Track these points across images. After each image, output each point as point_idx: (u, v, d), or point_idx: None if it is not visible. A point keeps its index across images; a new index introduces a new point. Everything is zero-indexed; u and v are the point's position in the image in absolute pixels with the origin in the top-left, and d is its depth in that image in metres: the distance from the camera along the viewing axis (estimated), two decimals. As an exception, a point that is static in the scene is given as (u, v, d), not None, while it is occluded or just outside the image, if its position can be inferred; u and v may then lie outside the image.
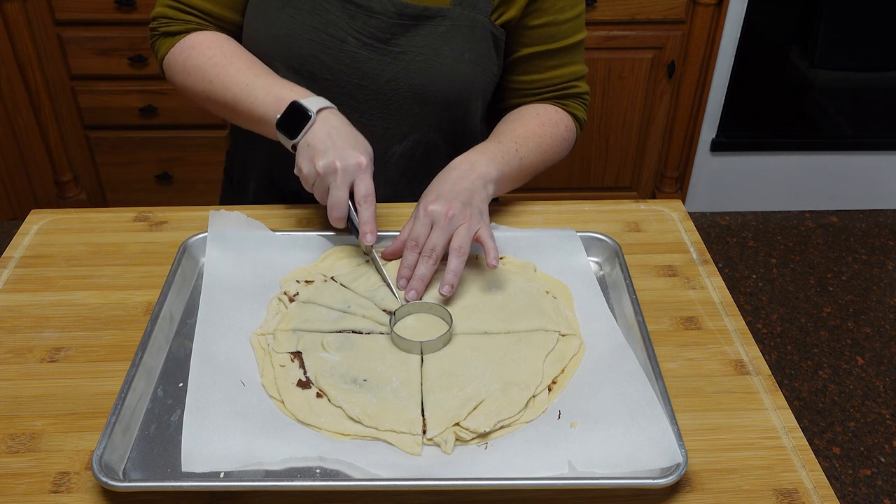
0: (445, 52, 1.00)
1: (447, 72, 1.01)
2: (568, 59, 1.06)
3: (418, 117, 1.05)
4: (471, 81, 1.03)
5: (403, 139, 1.07)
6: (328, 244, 0.96)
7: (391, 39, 1.00)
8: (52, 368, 0.81)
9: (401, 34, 0.99)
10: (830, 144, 2.57)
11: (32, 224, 1.02)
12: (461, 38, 1.00)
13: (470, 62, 1.02)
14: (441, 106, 1.04)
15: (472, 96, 1.06)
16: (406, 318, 0.87)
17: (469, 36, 1.01)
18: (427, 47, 1.00)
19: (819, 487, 0.71)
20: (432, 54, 1.00)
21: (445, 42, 1.00)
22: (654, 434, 0.70)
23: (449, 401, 0.75)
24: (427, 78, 1.01)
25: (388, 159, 1.08)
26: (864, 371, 2.04)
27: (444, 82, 1.02)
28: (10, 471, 0.70)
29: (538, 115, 1.05)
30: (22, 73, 2.13)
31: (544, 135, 1.04)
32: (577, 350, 0.83)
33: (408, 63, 1.00)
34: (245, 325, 0.85)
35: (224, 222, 0.95)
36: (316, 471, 0.70)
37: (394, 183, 1.10)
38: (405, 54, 1.00)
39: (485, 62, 1.03)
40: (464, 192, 0.90)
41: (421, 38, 1.00)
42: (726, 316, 0.90)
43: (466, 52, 1.01)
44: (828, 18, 2.28)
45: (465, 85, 1.03)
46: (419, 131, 1.06)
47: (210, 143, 2.27)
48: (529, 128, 1.03)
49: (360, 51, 1.00)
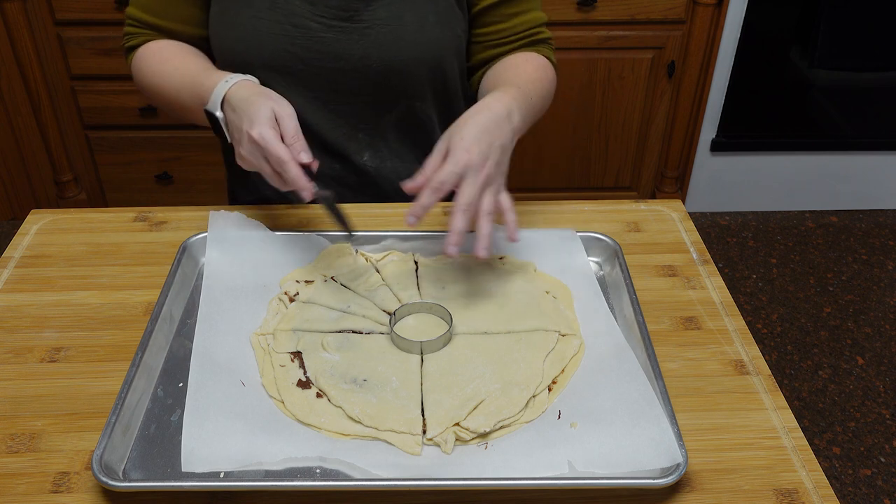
0: (408, 19, 1.01)
1: (414, 38, 1.02)
2: (526, 6, 1.07)
3: (399, 88, 1.05)
4: (439, 43, 1.04)
5: (392, 109, 1.08)
6: (328, 244, 0.96)
7: (354, 16, 1.00)
8: (52, 368, 0.81)
9: (363, 9, 1.00)
10: (830, 144, 2.57)
11: (32, 224, 1.02)
12: (423, 2, 1.01)
13: (435, 24, 1.02)
14: (418, 73, 1.05)
15: (445, 57, 1.06)
16: (406, 318, 0.87)
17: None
18: (390, 17, 1.01)
19: (819, 487, 0.71)
20: (396, 23, 1.01)
21: (407, 8, 1.01)
22: (654, 434, 0.70)
23: (449, 401, 0.75)
24: (396, 47, 1.02)
25: (384, 131, 1.10)
26: (864, 371, 2.04)
27: (413, 49, 1.02)
28: (10, 471, 0.70)
29: (528, 60, 1.06)
30: (22, 73, 2.13)
31: (543, 78, 1.04)
32: (577, 350, 0.83)
33: (375, 36, 1.01)
34: (245, 325, 0.85)
35: (224, 222, 0.95)
36: (316, 471, 0.70)
37: (397, 152, 1.12)
38: (370, 28, 1.01)
39: (450, 21, 1.04)
40: (497, 149, 0.85)
41: (382, 8, 1.00)
42: (726, 316, 0.90)
43: (429, 15, 1.02)
44: (828, 18, 2.28)
45: (435, 48, 1.04)
46: (404, 101, 1.07)
47: (210, 143, 2.27)
48: (529, 73, 1.03)
49: (326, 34, 1.01)
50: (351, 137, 1.10)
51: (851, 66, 2.43)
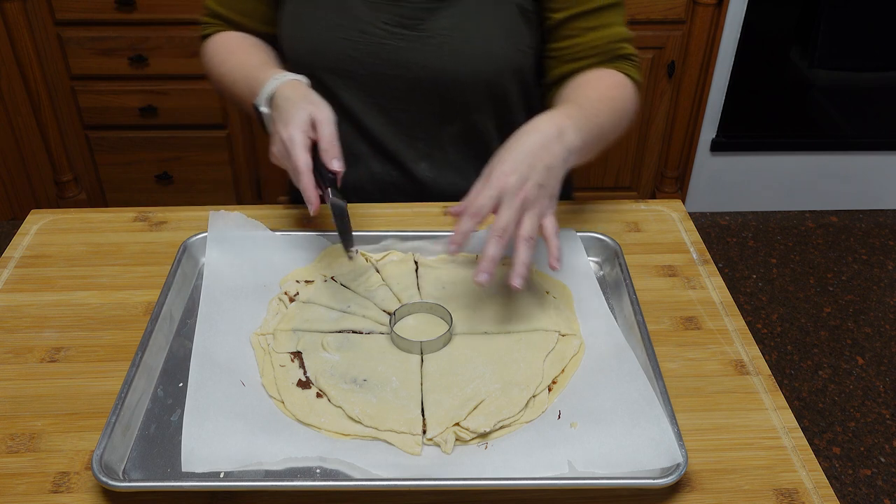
0: (472, 31, 1.00)
1: (475, 51, 1.00)
2: (605, 20, 1.02)
3: (458, 100, 1.05)
4: (501, 57, 1.02)
5: (452, 122, 1.07)
6: (328, 244, 0.96)
7: (418, 25, 1.00)
8: (52, 368, 0.81)
9: (427, 18, 0.99)
10: (830, 144, 2.57)
11: (32, 224, 1.02)
12: (488, 15, 1.00)
13: (498, 38, 1.00)
14: (477, 86, 1.03)
15: (507, 73, 1.04)
16: (406, 318, 0.87)
17: (495, 12, 1.00)
18: (453, 28, 1.00)
19: (819, 487, 0.71)
20: (459, 35, 1.00)
21: (471, 20, 0.99)
22: (654, 434, 0.70)
23: (449, 401, 0.75)
24: (458, 60, 1.00)
25: (442, 142, 1.09)
26: (864, 371, 2.04)
27: (473, 62, 1.01)
28: (10, 471, 0.70)
29: (602, 77, 1.01)
30: (22, 73, 2.13)
31: (616, 97, 0.99)
32: (577, 350, 0.83)
33: (437, 46, 1.00)
34: (245, 325, 0.85)
35: (224, 222, 0.95)
36: (316, 471, 0.70)
37: (455, 164, 1.11)
38: (432, 38, 1.00)
39: (515, 37, 1.02)
40: (542, 170, 0.81)
41: (447, 19, 0.99)
42: (726, 316, 0.90)
43: (493, 28, 1.00)
44: (828, 18, 2.28)
45: (496, 62, 1.02)
46: (463, 113, 1.07)
47: (210, 143, 2.27)
48: (600, 90, 0.99)
49: (389, 41, 1.00)
50: (410, 146, 1.10)
51: (851, 66, 2.43)
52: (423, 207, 1.07)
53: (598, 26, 1.02)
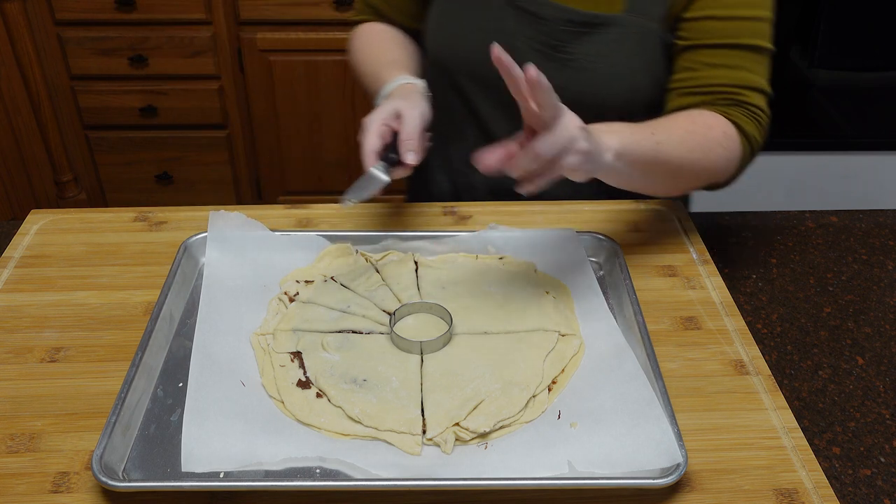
0: (614, 61, 0.99)
1: (616, 81, 0.99)
2: (732, 60, 0.95)
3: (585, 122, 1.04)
4: (639, 90, 1.01)
5: None
6: (328, 244, 0.96)
7: (560, 46, 1.00)
8: (52, 368, 0.81)
9: (570, 41, 0.99)
10: (830, 144, 2.57)
11: (32, 224, 1.02)
12: (631, 46, 0.98)
13: (638, 70, 1.00)
14: (609, 113, 1.00)
15: (639, 105, 1.02)
16: (406, 318, 0.87)
17: (639, 44, 0.98)
18: (596, 55, 0.99)
19: (819, 487, 0.71)
20: (602, 62, 0.99)
21: (615, 50, 0.99)
22: (654, 434, 0.70)
23: (449, 401, 0.75)
24: (595, 86, 1.00)
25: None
26: (864, 371, 2.04)
27: (608, 89, 1.00)
28: (10, 471, 0.70)
29: (689, 114, 0.96)
30: (22, 73, 2.13)
31: (692, 132, 0.93)
32: (577, 350, 0.83)
33: (576, 70, 1.00)
34: (245, 325, 0.85)
35: (224, 222, 0.95)
36: (316, 471, 0.70)
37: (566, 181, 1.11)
38: (574, 62, 1.00)
39: (654, 70, 1.01)
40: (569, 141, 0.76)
41: (590, 45, 0.99)
42: (726, 316, 0.90)
43: (636, 60, 0.99)
44: (828, 18, 2.27)
45: (633, 94, 1.01)
46: None
47: (210, 143, 2.27)
48: (675, 122, 0.94)
49: (529, 56, 1.00)
50: None
51: (851, 66, 2.43)
52: (423, 207, 1.07)
53: (720, 65, 0.96)
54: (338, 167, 2.34)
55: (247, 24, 2.07)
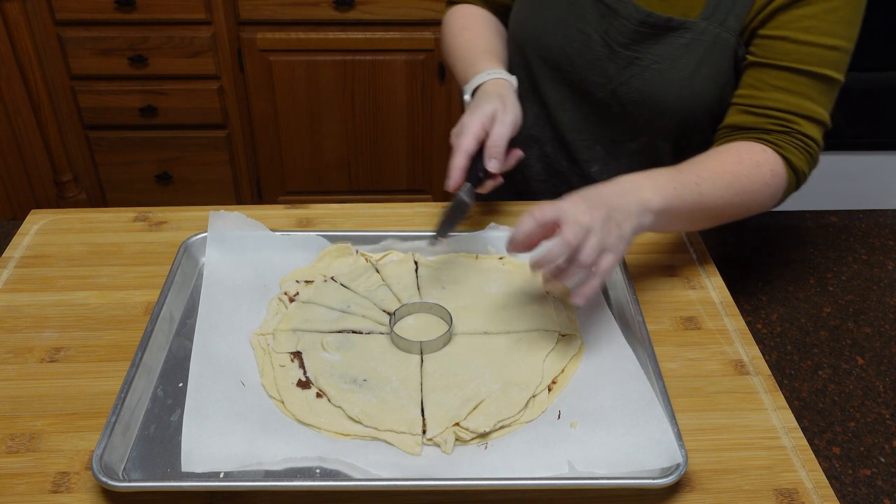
0: (682, 65, 0.99)
1: (679, 84, 0.99)
2: (798, 87, 0.93)
3: (647, 123, 1.05)
4: (702, 97, 1.00)
5: (635, 138, 1.09)
6: (328, 244, 0.96)
7: (630, 44, 1.00)
8: (52, 368, 0.81)
9: (641, 41, 1.00)
10: (830, 144, 2.55)
11: (32, 224, 1.02)
12: (701, 52, 0.98)
13: (705, 78, 0.99)
14: (669, 116, 1.03)
15: (702, 112, 1.02)
16: (406, 318, 0.87)
17: (710, 52, 0.98)
18: (664, 57, 0.99)
19: (819, 487, 0.71)
20: (668, 65, 0.99)
21: (683, 54, 0.98)
22: (654, 434, 0.70)
23: (449, 401, 0.75)
24: (658, 87, 1.00)
25: (619, 154, 1.11)
26: (864, 371, 2.04)
27: (674, 94, 1.00)
28: (10, 471, 0.70)
29: (738, 150, 0.93)
30: (22, 73, 2.13)
31: (738, 174, 0.91)
32: (577, 350, 0.83)
33: (642, 70, 1.01)
34: (245, 325, 0.85)
35: (224, 222, 0.95)
36: (316, 471, 0.70)
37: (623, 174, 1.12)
38: (641, 60, 1.00)
39: (723, 82, 1.00)
40: (615, 210, 0.79)
41: (660, 47, 0.99)
42: (726, 316, 0.90)
43: (704, 68, 0.98)
44: (828, 18, 2.27)
45: (696, 100, 1.01)
46: (647, 135, 1.07)
47: (210, 143, 2.27)
48: (722, 163, 0.91)
49: (601, 49, 1.02)
50: (589, 147, 1.12)
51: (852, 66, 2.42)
52: (423, 207, 1.07)
53: (784, 88, 0.94)
54: (338, 167, 2.34)
55: (247, 24, 2.07)
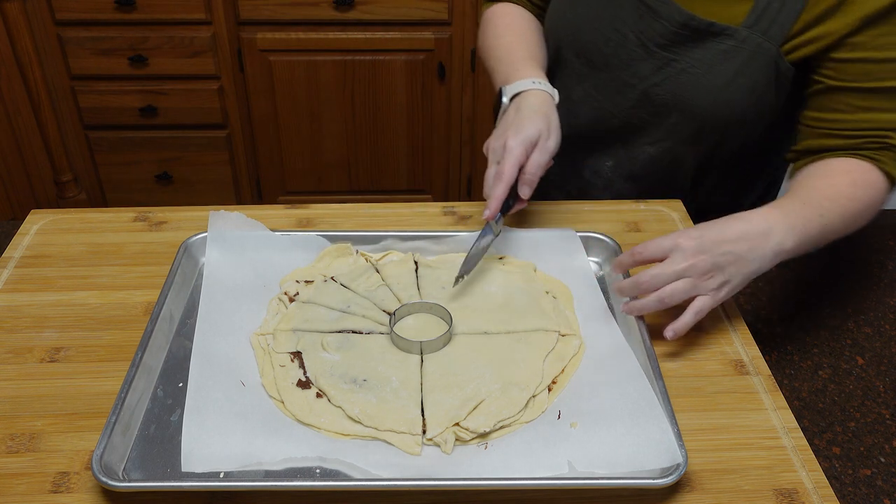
0: (718, 72, 0.97)
1: (714, 91, 0.97)
2: (885, 104, 0.92)
3: (674, 127, 1.04)
4: (735, 106, 0.98)
5: (656, 143, 1.08)
6: (328, 244, 0.96)
7: (669, 46, 0.99)
8: (52, 368, 0.81)
9: (679, 43, 0.98)
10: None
11: (32, 224, 1.02)
12: (740, 61, 0.95)
13: (742, 88, 0.97)
14: (698, 123, 1.02)
15: (735, 123, 1.00)
16: (406, 318, 0.87)
17: (749, 61, 0.95)
18: (701, 62, 0.97)
19: (819, 487, 0.71)
20: (704, 70, 0.97)
21: (722, 61, 0.96)
22: (655, 434, 0.70)
23: (449, 401, 0.75)
24: (692, 92, 0.99)
25: (636, 156, 1.10)
26: (864, 371, 2.04)
27: (707, 100, 0.98)
28: (10, 471, 0.70)
29: (849, 172, 0.91)
30: (22, 73, 2.13)
31: (854, 198, 0.89)
32: (577, 350, 0.83)
33: (677, 73, 0.99)
34: (245, 325, 0.85)
35: (224, 222, 0.95)
36: (316, 471, 0.70)
37: (636, 178, 1.12)
38: (677, 63, 0.99)
39: (760, 93, 0.97)
40: (730, 256, 0.80)
41: (698, 51, 0.97)
42: (726, 316, 0.90)
43: (741, 77, 0.96)
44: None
45: (730, 110, 0.99)
46: (671, 140, 1.06)
47: (210, 143, 2.27)
48: (838, 188, 0.90)
49: (637, 49, 1.01)
50: (605, 142, 1.12)
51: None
52: (423, 207, 1.07)
53: (873, 108, 0.92)
54: (338, 167, 2.34)
55: (247, 24, 2.07)
